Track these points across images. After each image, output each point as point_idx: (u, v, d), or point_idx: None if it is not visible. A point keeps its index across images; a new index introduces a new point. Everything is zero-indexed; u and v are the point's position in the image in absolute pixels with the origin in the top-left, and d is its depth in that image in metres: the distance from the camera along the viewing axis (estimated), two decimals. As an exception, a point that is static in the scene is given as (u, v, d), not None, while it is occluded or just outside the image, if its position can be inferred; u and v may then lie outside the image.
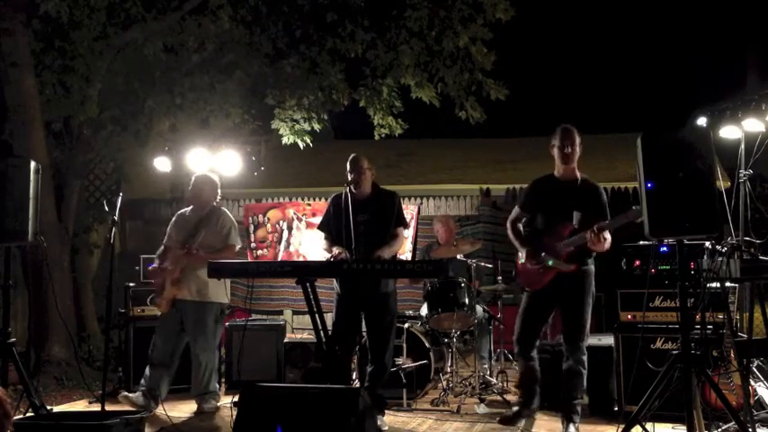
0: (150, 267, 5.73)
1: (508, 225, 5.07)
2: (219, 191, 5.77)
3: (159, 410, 5.35)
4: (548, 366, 5.16)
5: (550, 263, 4.72)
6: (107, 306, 4.75)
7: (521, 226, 5.04)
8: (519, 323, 4.92)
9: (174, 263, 5.46)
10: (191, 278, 5.46)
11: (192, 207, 5.74)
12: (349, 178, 5.01)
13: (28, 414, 4.39)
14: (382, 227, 5.06)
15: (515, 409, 4.97)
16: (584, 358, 4.73)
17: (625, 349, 5.18)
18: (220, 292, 5.53)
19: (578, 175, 4.84)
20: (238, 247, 5.71)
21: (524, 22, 9.19)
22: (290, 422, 3.74)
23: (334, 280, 5.29)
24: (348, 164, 5.07)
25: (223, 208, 5.76)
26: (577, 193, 4.78)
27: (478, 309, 6.37)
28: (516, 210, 5.06)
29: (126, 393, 5.49)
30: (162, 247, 5.72)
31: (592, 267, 4.83)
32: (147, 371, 5.56)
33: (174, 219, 5.83)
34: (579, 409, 4.77)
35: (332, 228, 5.12)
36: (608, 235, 4.57)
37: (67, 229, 7.81)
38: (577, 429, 4.72)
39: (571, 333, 4.74)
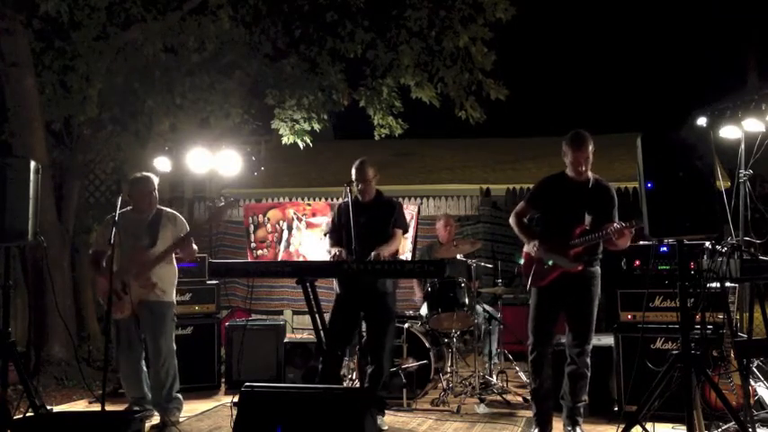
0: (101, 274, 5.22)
1: (512, 218, 4.92)
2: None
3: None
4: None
5: (550, 263, 4.71)
6: (107, 306, 4.74)
7: (526, 220, 4.96)
8: (533, 324, 4.74)
9: (141, 266, 5.18)
10: (154, 279, 5.22)
11: (131, 209, 5.31)
12: (353, 178, 5.11)
13: (28, 414, 4.38)
14: (381, 228, 5.13)
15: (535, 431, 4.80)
16: (589, 360, 4.71)
17: (625, 349, 5.19)
18: (174, 291, 5.37)
19: (590, 175, 4.72)
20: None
21: (524, 22, 9.19)
22: (290, 422, 3.74)
23: (334, 280, 5.33)
24: (354, 169, 5.15)
25: (164, 207, 5.49)
26: (589, 194, 4.69)
27: (478, 309, 6.37)
28: (522, 204, 4.92)
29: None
30: (95, 251, 5.34)
31: (598, 269, 4.76)
32: (124, 383, 5.37)
33: (113, 221, 4.87)
34: (583, 410, 4.76)
35: (334, 231, 5.25)
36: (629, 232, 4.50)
37: (67, 229, 7.81)
38: (582, 431, 4.71)
39: (579, 337, 4.67)
